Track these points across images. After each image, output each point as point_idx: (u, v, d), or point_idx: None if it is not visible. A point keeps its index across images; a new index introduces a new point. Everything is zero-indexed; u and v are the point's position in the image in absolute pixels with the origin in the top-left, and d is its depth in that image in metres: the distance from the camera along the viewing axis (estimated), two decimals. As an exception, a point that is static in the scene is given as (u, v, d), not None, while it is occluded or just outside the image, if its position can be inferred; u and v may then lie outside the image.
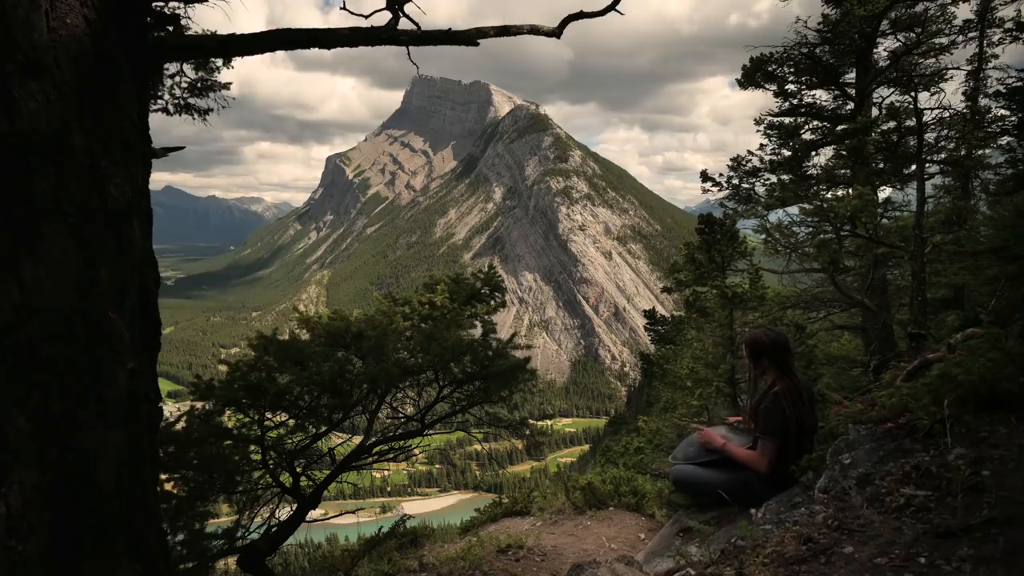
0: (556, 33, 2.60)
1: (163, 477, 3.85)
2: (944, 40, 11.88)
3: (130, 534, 1.71)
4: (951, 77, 12.18)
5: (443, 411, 5.47)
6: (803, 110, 13.20)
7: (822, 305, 11.64)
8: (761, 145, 13.59)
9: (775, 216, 12.67)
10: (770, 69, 12.87)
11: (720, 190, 14.36)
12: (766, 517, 2.98)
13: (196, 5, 2.72)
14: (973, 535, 2.08)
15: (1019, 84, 10.65)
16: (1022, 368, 2.95)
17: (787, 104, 13.21)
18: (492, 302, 5.63)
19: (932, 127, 11.11)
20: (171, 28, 2.36)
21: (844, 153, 12.46)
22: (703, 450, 3.80)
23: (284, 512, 4.82)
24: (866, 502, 2.52)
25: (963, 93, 12.13)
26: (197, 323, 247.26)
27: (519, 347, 5.43)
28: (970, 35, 11.76)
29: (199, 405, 4.35)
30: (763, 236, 11.75)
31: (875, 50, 12.21)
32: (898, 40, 12.19)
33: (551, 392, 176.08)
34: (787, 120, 13.30)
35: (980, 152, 11.68)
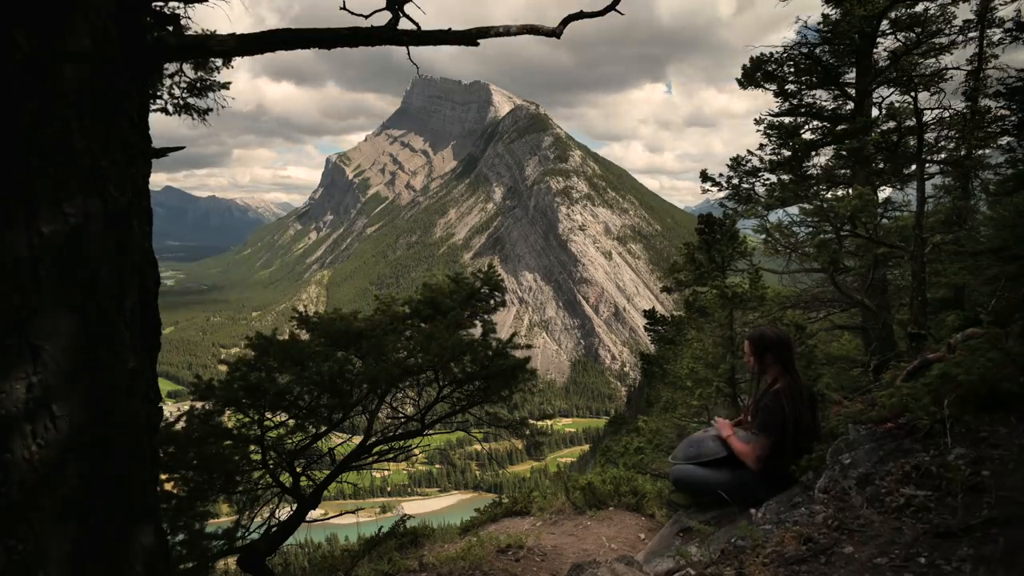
0: (556, 33, 2.60)
1: (163, 477, 3.85)
2: (944, 40, 11.87)
3: (130, 534, 1.71)
4: (951, 77, 12.18)
5: (443, 411, 5.46)
6: (803, 110, 13.20)
7: (822, 305, 11.64)
8: (761, 145, 13.60)
9: (775, 216, 12.68)
10: (770, 69, 12.87)
11: (720, 190, 14.37)
12: (766, 517, 2.98)
13: (196, 5, 2.73)
14: (973, 535, 2.08)
15: (1019, 84, 10.64)
16: (1022, 368, 2.95)
17: (787, 104, 13.22)
18: (492, 302, 5.62)
19: (932, 127, 11.10)
20: (171, 28, 2.35)
21: (844, 153, 12.46)
22: (704, 449, 3.81)
23: (284, 512, 4.82)
24: (866, 502, 2.52)
25: (963, 93, 12.11)
26: (197, 323, 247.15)
27: (519, 347, 5.42)
28: (970, 35, 11.75)
29: (199, 405, 4.35)
30: (763, 236, 11.75)
31: (875, 50, 12.21)
32: (898, 40, 12.18)
33: (551, 392, 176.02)
34: (787, 120, 13.30)
35: (980, 152, 11.67)
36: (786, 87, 13.06)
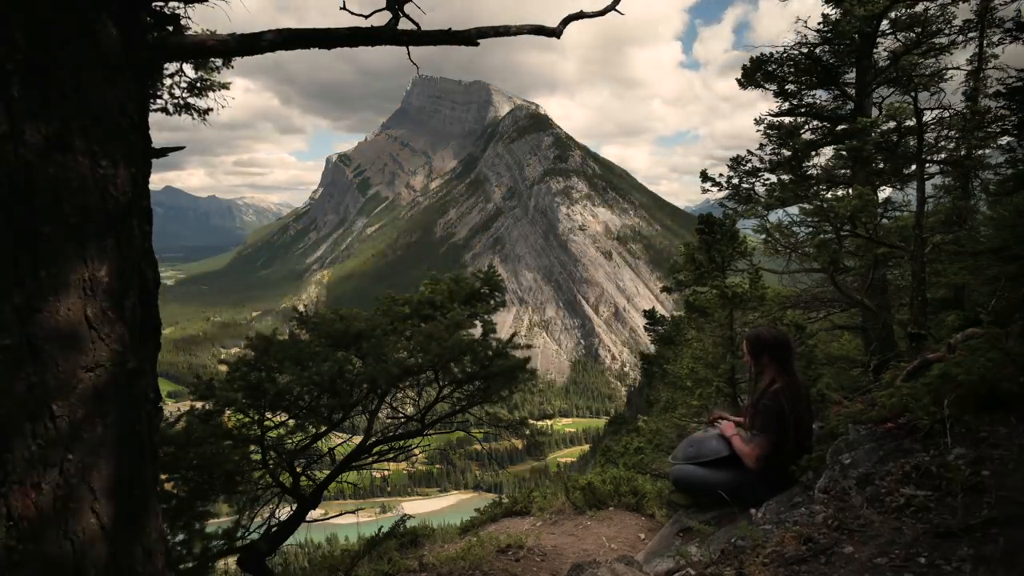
0: (556, 33, 2.60)
1: (163, 477, 3.85)
2: (944, 40, 11.87)
3: (130, 534, 1.71)
4: (951, 77, 12.19)
5: (443, 411, 5.46)
6: (803, 110, 13.20)
7: (822, 305, 11.63)
8: (761, 145, 13.60)
9: (775, 216, 12.68)
10: (770, 69, 12.86)
11: (720, 190, 14.37)
12: (766, 517, 2.98)
13: (196, 5, 2.72)
14: (973, 535, 2.08)
15: (1019, 84, 10.64)
16: (1022, 368, 2.95)
17: (787, 104, 13.21)
18: (492, 302, 5.63)
19: (932, 127, 11.10)
20: (171, 28, 2.35)
21: (844, 153, 12.46)
22: (704, 449, 3.81)
23: (284, 512, 4.82)
24: (866, 502, 2.52)
25: (963, 93, 12.12)
26: (197, 323, 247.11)
27: (519, 347, 5.42)
28: (970, 35, 11.75)
29: (199, 405, 4.35)
30: (763, 236, 11.74)
31: (875, 50, 12.21)
32: (898, 40, 12.18)
33: (551, 392, 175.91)
34: (787, 120, 13.30)
35: (980, 152, 11.66)
36: (786, 87, 13.05)
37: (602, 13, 2.64)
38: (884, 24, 11.86)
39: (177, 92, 5.39)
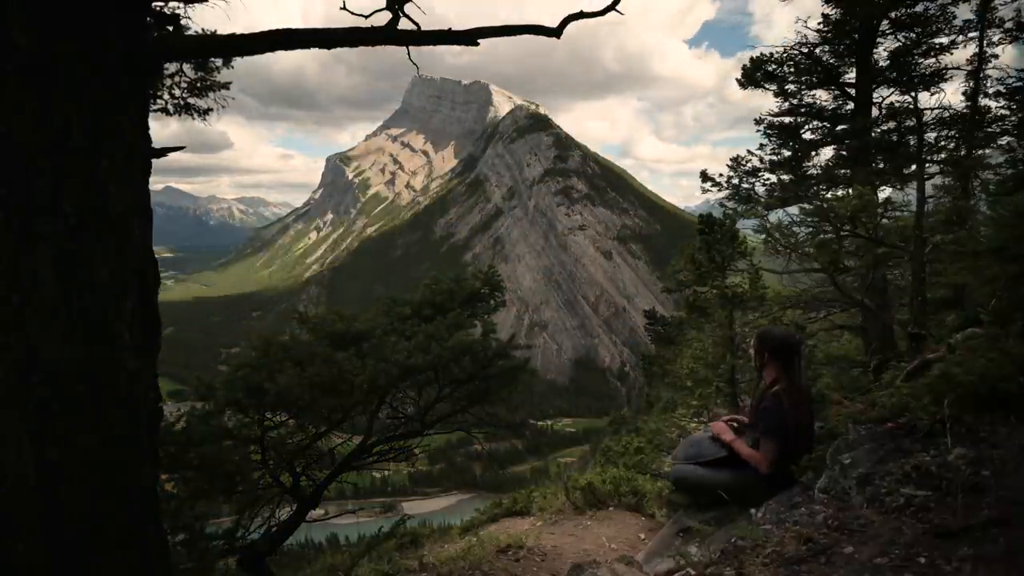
0: (556, 33, 2.60)
1: (163, 477, 3.85)
2: (944, 40, 11.86)
3: (130, 534, 1.71)
4: (951, 77, 12.16)
5: (443, 411, 5.47)
6: (803, 110, 13.19)
7: (822, 305, 11.61)
8: (761, 145, 13.60)
9: (775, 216, 12.65)
10: (770, 69, 12.86)
11: (720, 190, 14.36)
12: (766, 517, 2.97)
13: (196, 5, 2.72)
14: (973, 535, 2.08)
15: (1019, 84, 10.64)
16: (1022, 368, 2.95)
17: (787, 104, 13.21)
18: (492, 302, 5.63)
19: (932, 127, 11.10)
20: (171, 28, 2.35)
21: (844, 153, 12.45)
22: (704, 449, 3.81)
23: (284, 512, 4.82)
24: (866, 502, 2.52)
25: (963, 93, 12.10)
26: (197, 323, 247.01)
27: (519, 347, 5.42)
28: (970, 35, 11.73)
29: (199, 405, 4.35)
30: (763, 236, 11.73)
31: (875, 50, 12.20)
32: (898, 40, 12.17)
33: (551, 392, 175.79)
34: (787, 120, 13.29)
35: (980, 152, 11.66)
36: (786, 87, 13.04)
37: (602, 13, 2.64)
38: (884, 24, 11.86)
39: (177, 92, 5.38)
